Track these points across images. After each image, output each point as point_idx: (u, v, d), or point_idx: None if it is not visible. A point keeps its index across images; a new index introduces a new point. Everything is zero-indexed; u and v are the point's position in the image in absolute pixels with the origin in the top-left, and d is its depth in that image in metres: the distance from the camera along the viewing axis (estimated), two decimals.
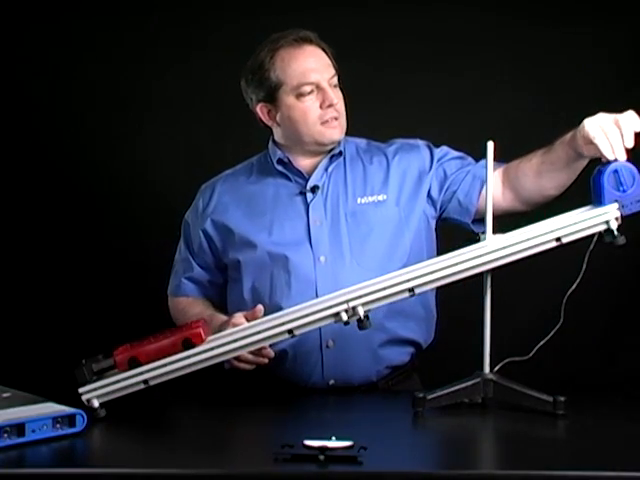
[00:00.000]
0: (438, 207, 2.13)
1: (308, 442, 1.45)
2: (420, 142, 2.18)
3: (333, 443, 1.45)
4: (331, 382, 2.05)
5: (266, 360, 1.93)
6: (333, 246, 2.06)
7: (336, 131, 2.09)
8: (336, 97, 2.07)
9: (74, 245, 2.98)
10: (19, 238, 2.98)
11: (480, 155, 1.76)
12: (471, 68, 2.92)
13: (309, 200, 2.09)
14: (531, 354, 1.79)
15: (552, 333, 1.79)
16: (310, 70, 2.05)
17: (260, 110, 2.12)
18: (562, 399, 1.70)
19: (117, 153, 2.99)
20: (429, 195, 2.12)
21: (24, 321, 2.96)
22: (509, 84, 2.92)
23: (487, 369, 1.77)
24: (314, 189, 2.10)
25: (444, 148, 2.16)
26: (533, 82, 2.92)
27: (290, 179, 2.13)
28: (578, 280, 1.78)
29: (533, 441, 1.59)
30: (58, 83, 2.98)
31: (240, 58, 2.14)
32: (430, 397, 1.73)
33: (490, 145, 1.75)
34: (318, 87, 2.06)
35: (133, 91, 2.96)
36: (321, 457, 1.43)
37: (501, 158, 1.76)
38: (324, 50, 2.09)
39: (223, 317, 2.04)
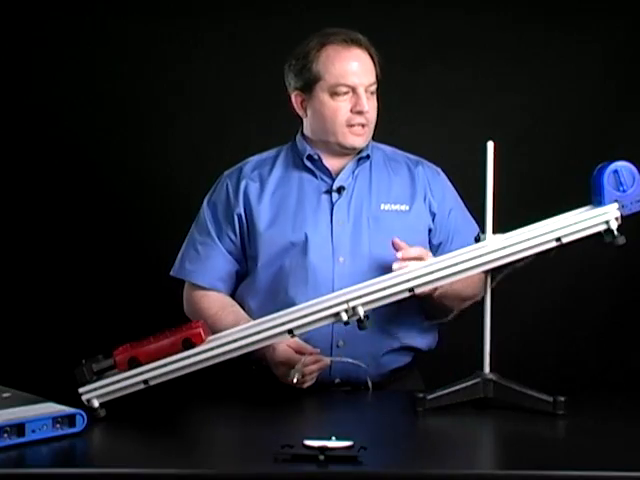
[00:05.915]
0: None
1: (308, 442, 1.46)
2: (441, 172, 2.21)
3: (333, 443, 1.45)
4: (337, 380, 2.06)
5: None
6: (353, 248, 2.07)
7: (359, 139, 2.09)
8: (369, 105, 2.07)
9: (73, 245, 2.98)
10: (19, 238, 2.98)
11: (480, 155, 1.76)
12: (471, 68, 2.92)
13: (334, 200, 2.10)
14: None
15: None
16: (350, 73, 2.06)
17: (294, 98, 2.14)
18: (562, 399, 1.70)
19: (113, 154, 3.00)
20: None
21: (24, 321, 2.96)
22: (510, 84, 2.92)
23: (487, 369, 1.77)
24: (340, 189, 2.11)
25: (451, 203, 2.18)
26: (534, 82, 2.92)
27: (316, 176, 2.13)
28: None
29: (533, 441, 1.59)
30: (76, 85, 2.98)
31: (246, 58, 2.13)
32: (430, 397, 1.74)
33: (490, 145, 1.75)
34: (354, 90, 2.06)
35: (150, 91, 2.96)
36: (321, 457, 1.43)
37: (501, 158, 1.76)
38: (371, 56, 2.09)
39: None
